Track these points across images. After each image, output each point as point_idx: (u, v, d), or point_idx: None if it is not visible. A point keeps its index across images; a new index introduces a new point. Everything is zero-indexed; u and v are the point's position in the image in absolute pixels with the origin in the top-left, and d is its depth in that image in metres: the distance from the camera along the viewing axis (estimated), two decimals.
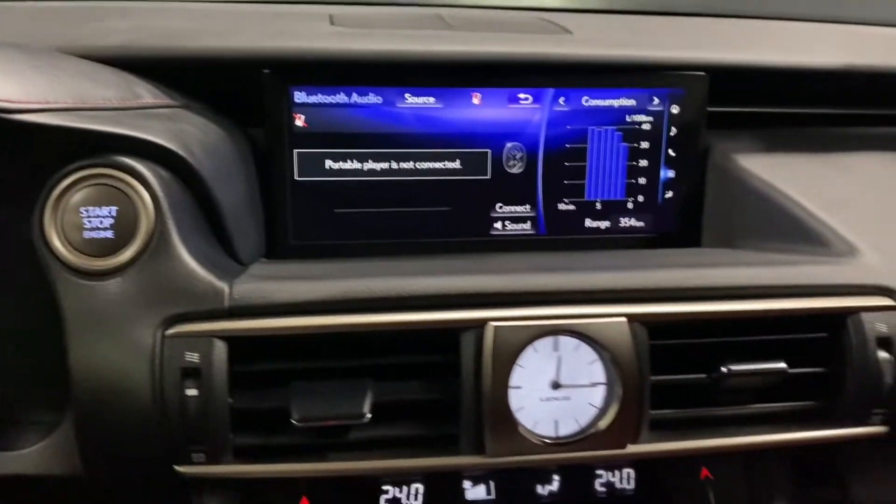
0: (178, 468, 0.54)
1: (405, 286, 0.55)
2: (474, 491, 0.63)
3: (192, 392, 0.52)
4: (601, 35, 0.82)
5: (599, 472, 0.64)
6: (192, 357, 0.52)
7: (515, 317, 0.56)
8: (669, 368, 0.58)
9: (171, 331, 0.53)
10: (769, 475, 0.66)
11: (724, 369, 0.58)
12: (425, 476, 0.62)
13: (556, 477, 0.64)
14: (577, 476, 0.65)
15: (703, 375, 0.59)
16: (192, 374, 0.52)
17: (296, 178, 0.72)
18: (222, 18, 0.76)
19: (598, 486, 0.64)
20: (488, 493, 0.63)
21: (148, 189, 0.53)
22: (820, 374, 0.61)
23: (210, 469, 0.54)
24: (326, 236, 0.74)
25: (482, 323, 0.55)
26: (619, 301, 0.57)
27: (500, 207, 0.77)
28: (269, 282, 0.55)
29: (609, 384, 0.57)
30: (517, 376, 0.56)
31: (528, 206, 0.77)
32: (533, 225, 0.78)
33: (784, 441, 0.60)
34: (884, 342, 0.59)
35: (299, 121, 0.71)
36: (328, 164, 0.72)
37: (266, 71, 0.68)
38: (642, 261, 0.63)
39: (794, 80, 0.77)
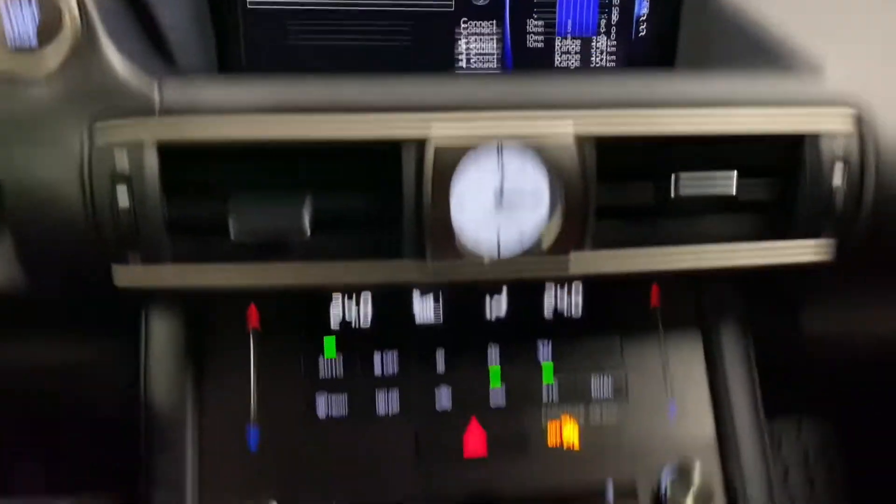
0: (114, 267, 0.54)
1: (346, 92, 0.53)
2: (422, 307, 0.64)
3: (123, 201, 0.51)
4: None
5: (548, 285, 0.64)
6: (122, 163, 0.51)
7: (457, 132, 0.53)
8: (618, 189, 0.57)
9: (98, 134, 0.51)
10: (719, 301, 0.66)
11: (671, 190, 0.56)
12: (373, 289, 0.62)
13: (503, 297, 0.65)
14: (525, 295, 0.65)
15: (651, 193, 0.57)
16: (121, 180, 0.51)
17: (248, 1, 0.68)
18: None
19: (547, 308, 0.65)
20: (437, 309, 0.64)
21: None
22: (772, 197, 0.59)
23: (147, 272, 0.54)
24: (280, 67, 0.71)
25: (423, 136, 0.53)
26: (567, 107, 0.54)
27: (465, 42, 0.73)
28: (201, 82, 0.53)
29: (553, 197, 0.55)
30: (459, 190, 0.54)
31: (494, 41, 0.74)
32: (499, 61, 0.75)
33: (731, 261, 0.58)
34: (840, 161, 0.57)
35: None
36: None
37: None
38: (595, 77, 0.60)
39: None
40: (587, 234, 0.56)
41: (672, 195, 0.55)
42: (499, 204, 0.55)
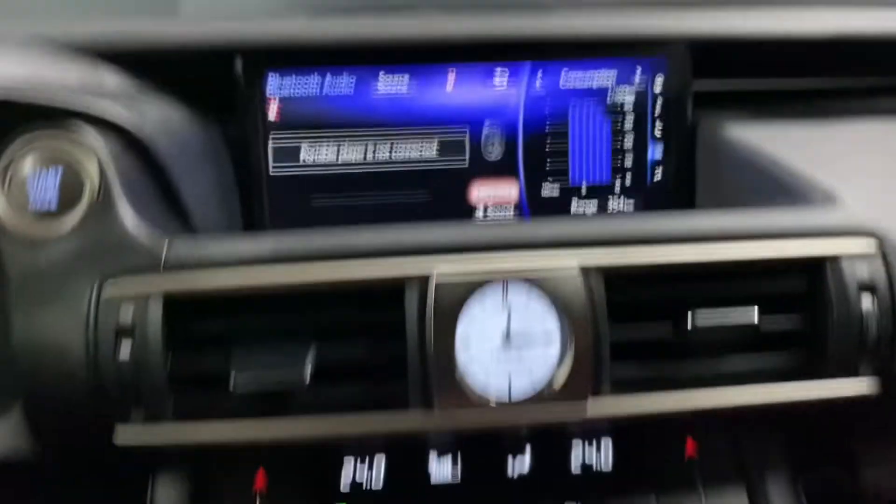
0: (117, 427, 0.52)
1: (347, 240, 0.53)
2: (439, 467, 0.59)
3: (125, 352, 0.51)
4: (578, 6, 0.80)
5: (575, 441, 0.59)
6: (126, 316, 0.51)
7: (460, 269, 0.52)
8: (633, 326, 0.54)
9: (106, 289, 0.52)
10: (761, 451, 0.59)
11: (689, 324, 0.52)
12: (387, 448, 0.59)
13: (526, 454, 0.60)
14: (550, 451, 0.60)
15: (669, 327, 0.54)
16: (126, 333, 0.51)
17: (271, 169, 0.72)
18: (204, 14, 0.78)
19: (574, 463, 0.59)
20: (454, 469, 0.59)
21: (94, 150, 0.54)
22: (798, 328, 0.55)
23: (149, 430, 0.52)
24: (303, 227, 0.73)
25: (425, 275, 0.52)
26: (571, 247, 0.53)
27: (481, 194, 0.75)
28: (209, 238, 0.54)
29: (563, 337, 0.52)
30: (464, 331, 0.52)
31: (510, 192, 0.75)
32: (516, 211, 0.75)
33: (763, 399, 0.53)
34: (867, 288, 0.53)
35: (272, 110, 0.71)
36: (303, 154, 0.72)
37: (238, 58, 0.69)
38: (603, 215, 0.59)
39: (783, 49, 0.74)
40: (603, 375, 0.52)
41: (690, 327, 0.52)
42: (506, 344, 0.53)
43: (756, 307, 0.52)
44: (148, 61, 0.67)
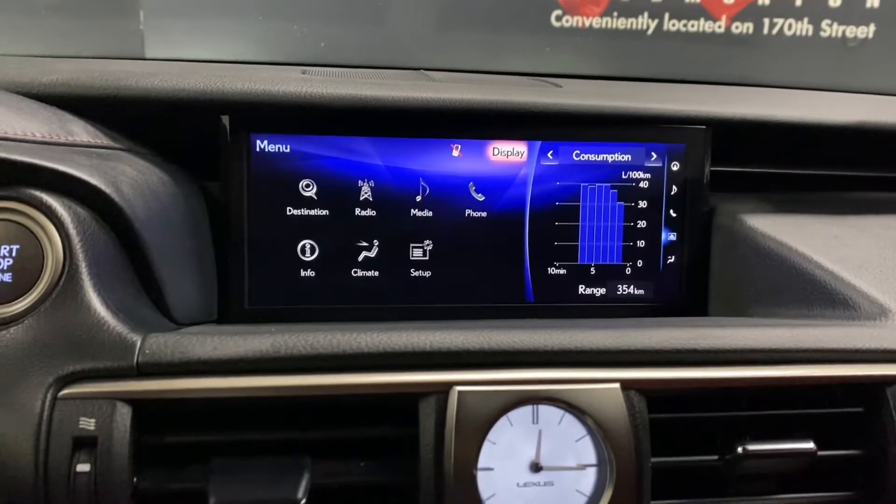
0: None
1: (351, 342, 0.46)
2: None
3: (83, 468, 0.43)
4: (593, 90, 0.76)
5: None
6: (87, 423, 0.43)
7: (486, 380, 0.46)
8: (673, 449, 0.48)
9: (65, 391, 0.44)
10: None
11: (739, 449, 0.47)
12: None
13: None
14: None
15: (715, 457, 0.48)
16: (86, 444, 0.43)
17: (252, 234, 0.64)
18: (181, 66, 0.71)
19: None
20: None
21: (56, 225, 0.46)
22: (856, 457, 0.50)
23: None
24: (287, 300, 0.66)
25: (445, 388, 0.46)
26: (611, 365, 0.47)
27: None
28: (191, 336, 0.46)
29: (601, 466, 0.46)
30: (488, 455, 0.45)
31: (514, 268, 0.69)
32: (519, 291, 0.69)
33: None
34: None
35: (258, 173, 0.64)
36: (290, 221, 0.65)
37: (224, 116, 0.62)
38: (638, 324, 0.53)
39: (801, 137, 0.71)
40: None
41: (741, 452, 0.46)
42: (535, 469, 0.46)
43: (812, 443, 0.48)
44: (124, 114, 0.59)
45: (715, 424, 0.49)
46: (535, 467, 0.46)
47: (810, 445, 0.48)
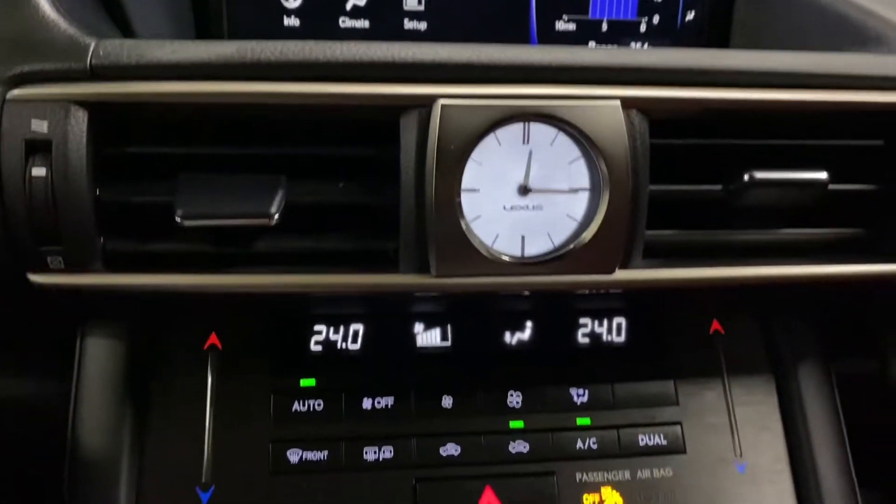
0: (31, 277, 0.42)
1: (325, 50, 0.41)
2: (426, 335, 0.51)
3: (39, 171, 0.40)
4: None
5: (583, 320, 0.52)
6: (40, 126, 0.40)
7: (473, 94, 0.42)
8: (674, 176, 0.45)
9: (14, 92, 0.40)
10: (792, 337, 0.52)
11: (745, 177, 0.43)
12: (365, 316, 0.50)
13: (527, 327, 0.52)
14: (557, 325, 0.52)
15: (719, 187, 0.45)
16: (40, 148, 0.40)
17: None
18: None
19: (581, 334, 0.52)
20: (443, 338, 0.51)
21: None
22: (869, 192, 0.46)
23: (71, 279, 0.42)
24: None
25: (428, 101, 0.41)
26: (612, 83, 0.43)
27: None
28: (148, 41, 0.42)
29: (594, 190, 0.43)
30: (473, 175, 0.42)
31: (517, 22, 0.63)
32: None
33: (818, 275, 0.46)
34: None
35: None
36: None
37: None
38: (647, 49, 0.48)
39: None
40: (637, 233, 0.43)
41: (747, 180, 0.43)
42: (523, 192, 0.43)
43: (824, 173, 0.44)
44: None
45: (721, 153, 0.45)
46: (524, 190, 0.43)
47: (822, 175, 0.44)
